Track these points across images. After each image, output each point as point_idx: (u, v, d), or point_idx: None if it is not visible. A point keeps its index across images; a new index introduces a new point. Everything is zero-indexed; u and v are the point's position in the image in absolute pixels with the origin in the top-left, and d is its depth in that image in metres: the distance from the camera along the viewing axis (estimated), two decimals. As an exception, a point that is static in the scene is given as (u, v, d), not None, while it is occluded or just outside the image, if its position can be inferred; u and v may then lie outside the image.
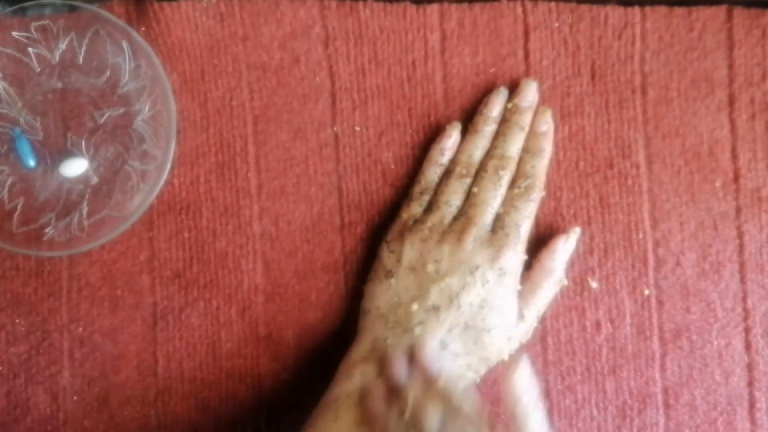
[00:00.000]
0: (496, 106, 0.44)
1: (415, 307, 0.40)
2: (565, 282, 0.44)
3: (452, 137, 0.44)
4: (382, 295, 0.42)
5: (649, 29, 0.45)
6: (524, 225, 0.42)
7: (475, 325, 0.40)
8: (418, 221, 0.42)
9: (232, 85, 0.45)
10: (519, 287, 0.41)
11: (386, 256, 0.42)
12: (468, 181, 0.43)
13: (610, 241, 0.45)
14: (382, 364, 0.39)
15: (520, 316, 0.41)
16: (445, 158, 0.44)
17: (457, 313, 0.40)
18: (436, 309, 0.40)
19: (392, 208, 0.45)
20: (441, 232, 0.41)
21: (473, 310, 0.40)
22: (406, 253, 0.41)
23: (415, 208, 0.43)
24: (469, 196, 0.43)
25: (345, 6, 0.45)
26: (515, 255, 0.41)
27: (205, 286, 0.44)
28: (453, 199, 0.43)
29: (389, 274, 0.42)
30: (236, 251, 0.44)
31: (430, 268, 0.41)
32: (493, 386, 0.44)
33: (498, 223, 0.42)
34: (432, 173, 0.44)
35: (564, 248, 0.43)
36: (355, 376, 0.39)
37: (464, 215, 0.42)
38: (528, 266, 0.42)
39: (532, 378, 0.38)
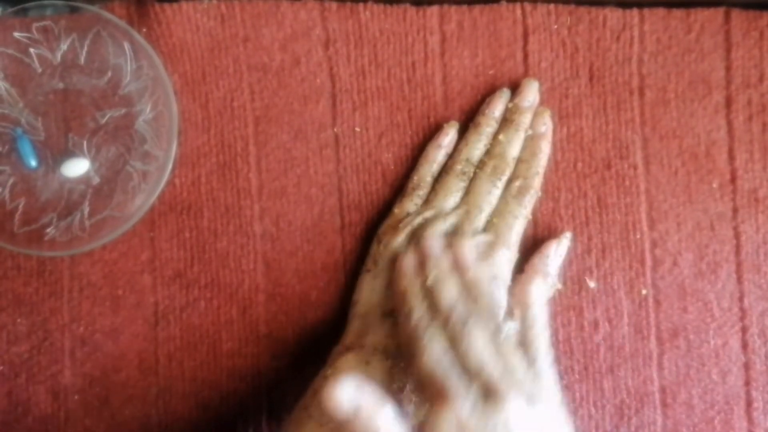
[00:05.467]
0: (498, 106, 0.44)
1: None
2: (559, 286, 0.44)
3: (449, 135, 0.44)
4: (367, 288, 0.42)
5: (647, 31, 0.46)
6: (516, 225, 0.42)
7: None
8: (412, 217, 0.42)
9: (233, 86, 0.45)
10: (509, 285, 0.41)
11: (376, 250, 0.43)
12: (466, 179, 0.43)
13: (607, 242, 0.45)
14: (418, 240, 0.41)
15: (510, 313, 0.41)
16: (441, 156, 0.44)
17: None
18: None
19: (392, 208, 0.45)
20: None
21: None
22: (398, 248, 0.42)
23: (408, 204, 0.43)
24: (465, 194, 0.43)
25: (345, 8, 0.45)
26: (505, 254, 0.41)
27: (206, 286, 0.44)
28: (449, 196, 0.43)
29: (377, 267, 0.42)
30: (237, 251, 0.45)
31: None
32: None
33: (490, 223, 0.42)
34: (426, 171, 0.44)
35: (556, 253, 0.43)
36: (336, 362, 0.39)
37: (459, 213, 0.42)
38: (521, 269, 0.43)
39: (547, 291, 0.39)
